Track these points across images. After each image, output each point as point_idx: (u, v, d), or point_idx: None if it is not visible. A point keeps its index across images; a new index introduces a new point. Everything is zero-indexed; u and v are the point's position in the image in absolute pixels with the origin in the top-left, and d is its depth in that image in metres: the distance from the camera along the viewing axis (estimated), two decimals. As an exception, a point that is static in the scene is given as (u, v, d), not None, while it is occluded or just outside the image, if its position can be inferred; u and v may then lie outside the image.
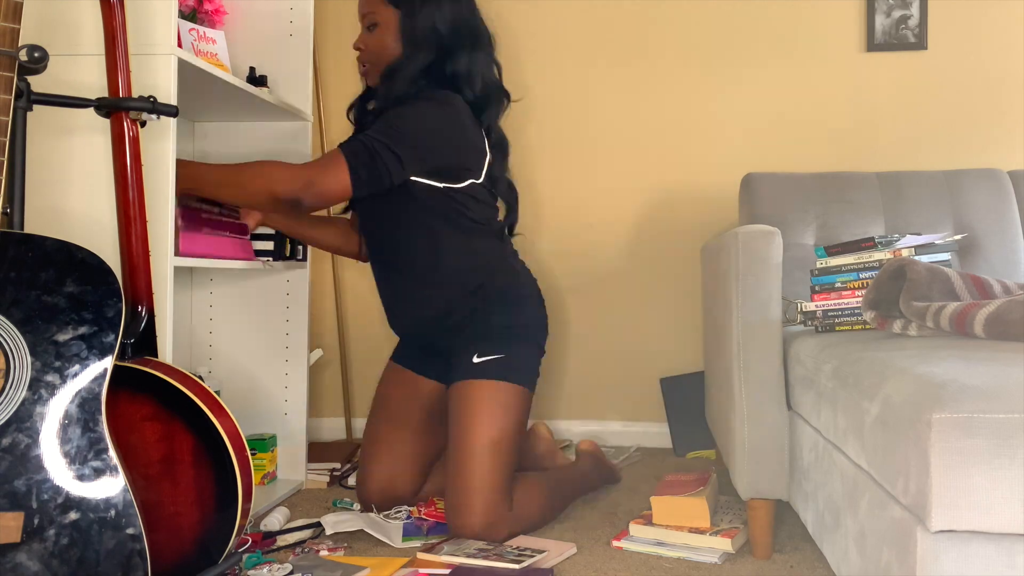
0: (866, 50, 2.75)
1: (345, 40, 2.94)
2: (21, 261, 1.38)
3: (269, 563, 1.65)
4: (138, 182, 1.58)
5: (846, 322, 1.75)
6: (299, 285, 2.32)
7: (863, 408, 1.23)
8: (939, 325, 1.43)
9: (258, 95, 2.08)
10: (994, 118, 2.71)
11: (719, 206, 2.79)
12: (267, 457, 2.26)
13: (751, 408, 1.72)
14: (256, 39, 2.30)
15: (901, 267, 1.55)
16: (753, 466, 1.72)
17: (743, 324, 1.72)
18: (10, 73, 1.40)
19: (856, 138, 2.76)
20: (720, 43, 2.81)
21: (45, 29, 1.69)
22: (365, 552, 1.78)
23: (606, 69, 2.85)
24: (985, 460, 0.99)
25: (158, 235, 1.67)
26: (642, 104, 2.84)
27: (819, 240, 2.34)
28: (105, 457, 1.35)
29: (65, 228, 1.68)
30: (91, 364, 1.37)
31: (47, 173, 1.69)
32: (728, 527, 1.81)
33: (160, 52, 1.70)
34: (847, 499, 1.33)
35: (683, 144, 2.84)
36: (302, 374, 2.33)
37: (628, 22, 2.85)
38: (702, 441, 2.66)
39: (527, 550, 1.72)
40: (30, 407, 1.34)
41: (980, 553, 1.01)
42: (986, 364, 1.15)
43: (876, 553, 1.17)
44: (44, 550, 1.32)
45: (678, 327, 2.83)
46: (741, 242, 1.72)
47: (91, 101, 1.56)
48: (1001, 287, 1.56)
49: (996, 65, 2.71)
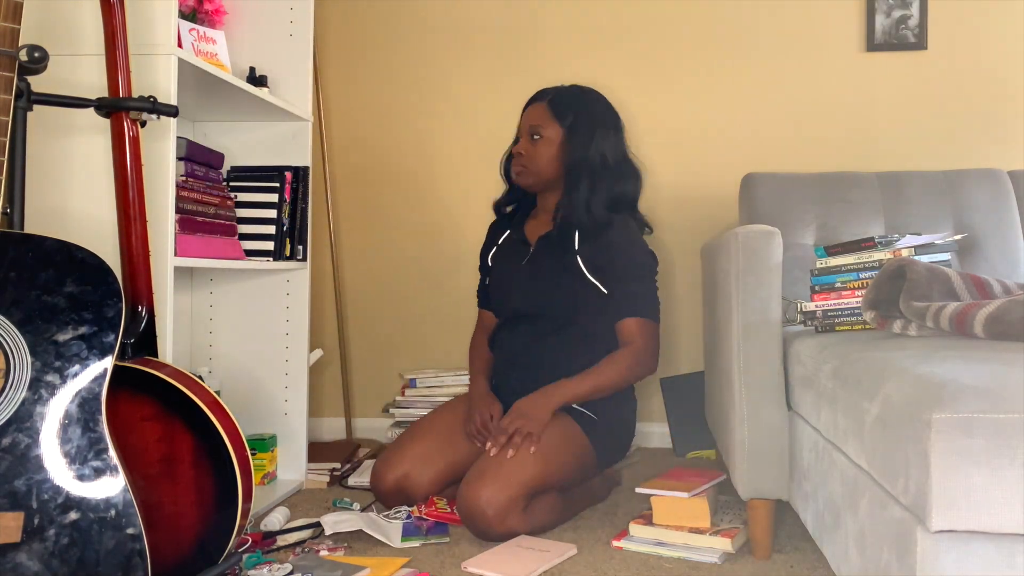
0: (866, 50, 2.75)
1: (345, 40, 2.95)
2: (21, 261, 1.38)
3: (269, 563, 1.65)
4: (138, 182, 1.58)
5: (846, 322, 1.75)
6: (299, 285, 2.32)
7: (863, 408, 1.23)
8: (939, 325, 1.43)
9: (258, 95, 2.08)
10: (994, 118, 2.71)
11: (719, 206, 2.79)
12: (267, 457, 2.26)
13: (751, 408, 1.72)
14: (256, 39, 2.31)
15: (901, 267, 1.55)
16: (753, 466, 1.72)
17: (743, 324, 1.72)
18: (10, 73, 1.40)
19: (856, 138, 2.76)
20: (720, 43, 2.81)
21: (45, 29, 1.69)
22: (365, 552, 1.79)
23: (605, 69, 2.85)
24: (985, 460, 0.99)
25: (158, 235, 1.68)
26: (642, 104, 2.84)
27: (819, 240, 2.34)
28: (105, 457, 1.35)
29: (65, 228, 1.68)
30: (91, 364, 1.37)
31: (47, 173, 1.69)
32: (728, 527, 1.81)
33: (160, 52, 1.70)
34: (847, 499, 1.33)
35: (683, 144, 2.84)
36: (302, 374, 2.33)
37: (628, 22, 2.85)
38: (702, 441, 2.66)
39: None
40: (30, 407, 1.34)
41: (980, 553, 1.01)
42: (986, 364, 1.15)
43: (876, 553, 1.17)
44: (44, 550, 1.32)
45: (678, 327, 2.83)
46: (741, 242, 1.72)
47: (91, 101, 1.56)
48: (1001, 287, 1.56)
49: (996, 65, 2.71)
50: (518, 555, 1.73)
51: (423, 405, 2.64)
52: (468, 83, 2.92)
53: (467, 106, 2.92)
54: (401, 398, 2.67)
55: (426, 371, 2.73)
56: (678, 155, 2.84)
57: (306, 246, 2.33)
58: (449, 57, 2.92)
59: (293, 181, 2.28)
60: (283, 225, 2.25)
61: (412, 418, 2.63)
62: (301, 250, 2.31)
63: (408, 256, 2.94)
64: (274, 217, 2.23)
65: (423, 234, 2.93)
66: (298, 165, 2.31)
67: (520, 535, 1.84)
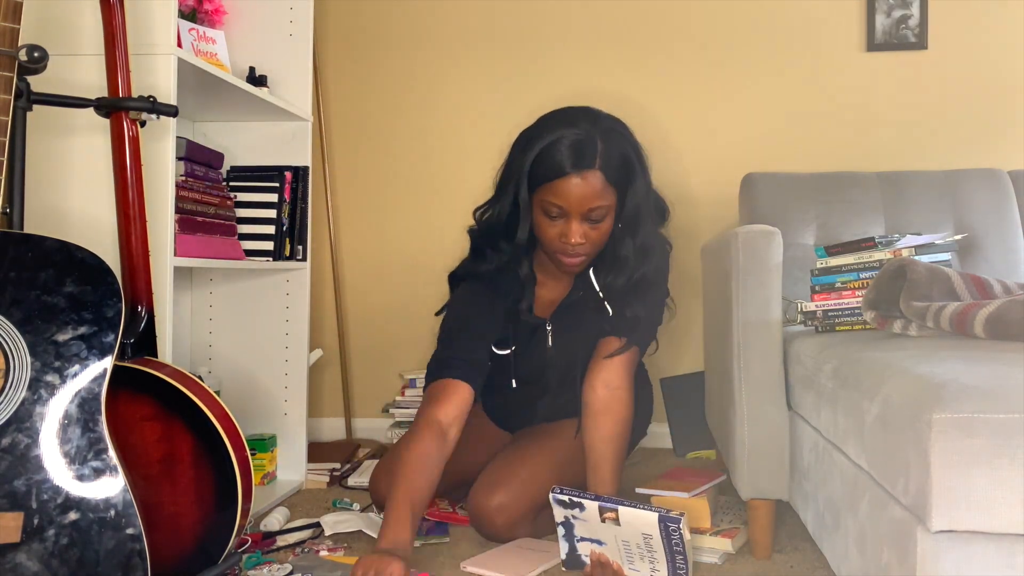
0: (866, 50, 2.75)
1: (345, 40, 2.95)
2: (21, 261, 1.38)
3: (269, 563, 1.65)
4: (138, 182, 1.58)
5: (846, 322, 1.75)
6: (299, 285, 2.32)
7: (863, 408, 1.23)
8: (939, 325, 1.43)
9: (258, 95, 2.08)
10: (994, 118, 2.71)
11: (719, 206, 2.79)
12: (267, 457, 2.25)
13: (751, 408, 1.72)
14: (256, 39, 2.30)
15: (901, 267, 1.55)
16: (753, 466, 1.72)
17: (743, 324, 1.72)
18: (10, 73, 1.40)
19: (856, 138, 2.76)
20: (720, 43, 2.81)
21: (45, 29, 1.69)
22: (365, 552, 1.78)
23: (605, 70, 2.85)
24: (985, 460, 0.99)
25: (158, 235, 1.68)
26: (642, 104, 2.84)
27: (819, 240, 2.34)
28: (105, 457, 1.35)
29: (65, 228, 1.68)
30: (91, 364, 1.37)
31: (47, 173, 1.69)
32: (728, 527, 1.81)
33: (160, 52, 1.70)
34: (847, 499, 1.33)
35: (683, 144, 2.83)
36: (302, 374, 2.33)
37: (627, 23, 2.85)
38: (702, 441, 2.66)
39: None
40: (30, 407, 1.34)
41: (980, 553, 1.01)
42: (986, 364, 1.15)
43: (876, 553, 1.17)
44: (44, 550, 1.31)
45: (678, 327, 2.83)
46: (741, 242, 1.72)
47: (91, 101, 1.56)
48: (1001, 287, 1.56)
49: (996, 65, 2.71)
50: (517, 555, 1.73)
51: (423, 405, 2.63)
52: (468, 83, 2.91)
53: (467, 106, 2.91)
54: (401, 398, 2.67)
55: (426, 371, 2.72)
56: (678, 155, 2.84)
57: (306, 246, 2.33)
58: (449, 57, 2.92)
59: (293, 181, 2.29)
60: (283, 225, 2.25)
61: (412, 418, 2.63)
62: (301, 250, 2.31)
63: (408, 256, 2.94)
64: (274, 217, 2.23)
65: (423, 234, 2.93)
66: (298, 165, 2.31)
67: (525, 536, 1.84)
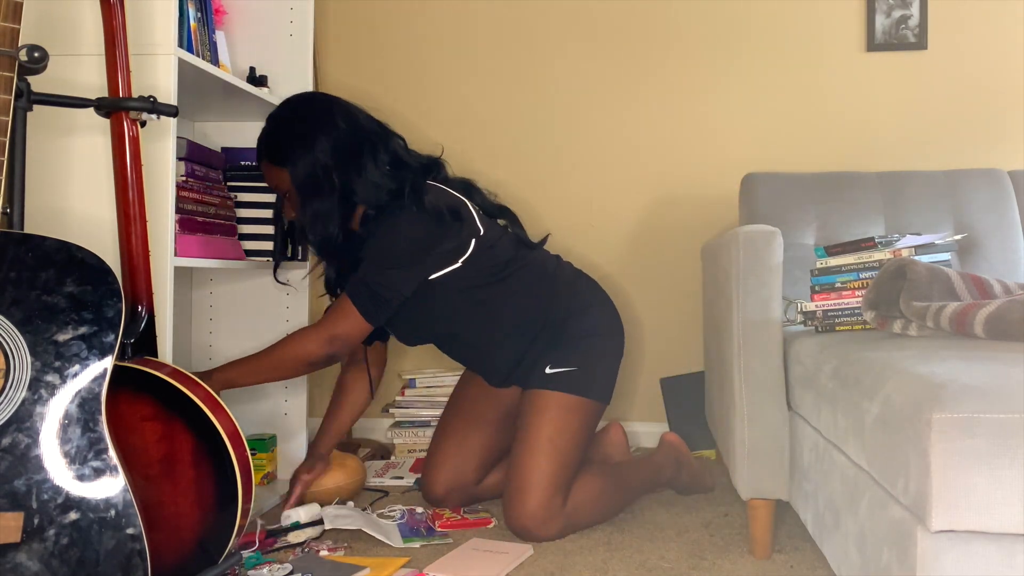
0: (866, 50, 2.75)
1: (345, 40, 2.95)
2: (21, 261, 1.38)
3: (269, 563, 1.65)
4: (138, 182, 1.58)
5: (846, 322, 1.75)
6: (299, 285, 2.32)
7: (863, 408, 1.23)
8: (939, 325, 1.43)
9: (258, 95, 2.08)
10: (994, 118, 2.71)
11: (719, 206, 2.79)
12: (267, 457, 2.25)
13: (751, 408, 1.72)
14: (256, 39, 2.30)
15: (901, 267, 1.55)
16: (753, 466, 1.72)
17: (743, 324, 1.72)
18: (10, 73, 1.40)
19: (856, 138, 2.76)
20: (720, 43, 2.81)
21: (45, 29, 1.69)
22: (365, 552, 1.78)
23: (605, 69, 2.85)
24: (985, 460, 0.99)
25: (158, 235, 1.68)
26: (642, 104, 2.84)
27: (819, 240, 2.34)
28: (105, 457, 1.35)
29: (65, 228, 1.68)
30: (91, 364, 1.37)
31: (47, 173, 1.69)
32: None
33: (160, 52, 1.70)
34: (847, 499, 1.33)
35: (683, 144, 2.84)
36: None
37: (628, 22, 2.85)
38: (702, 441, 2.66)
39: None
40: (30, 407, 1.34)
41: (980, 553, 1.01)
42: (986, 364, 1.15)
43: (876, 553, 1.17)
44: (44, 550, 1.32)
45: (678, 327, 2.83)
46: (741, 242, 1.72)
47: (91, 101, 1.56)
48: (1001, 287, 1.56)
49: (996, 65, 2.71)
50: (477, 558, 1.74)
51: (423, 405, 2.64)
52: (468, 82, 2.91)
53: (467, 105, 2.92)
54: (401, 398, 2.67)
55: (425, 371, 2.73)
56: (678, 155, 2.84)
57: (306, 246, 2.32)
58: (449, 56, 2.92)
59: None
60: (283, 225, 2.25)
61: (412, 418, 2.64)
62: (301, 250, 2.30)
63: (408, 256, 2.93)
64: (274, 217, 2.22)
65: (423, 234, 2.93)
66: (298, 165, 2.30)
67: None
